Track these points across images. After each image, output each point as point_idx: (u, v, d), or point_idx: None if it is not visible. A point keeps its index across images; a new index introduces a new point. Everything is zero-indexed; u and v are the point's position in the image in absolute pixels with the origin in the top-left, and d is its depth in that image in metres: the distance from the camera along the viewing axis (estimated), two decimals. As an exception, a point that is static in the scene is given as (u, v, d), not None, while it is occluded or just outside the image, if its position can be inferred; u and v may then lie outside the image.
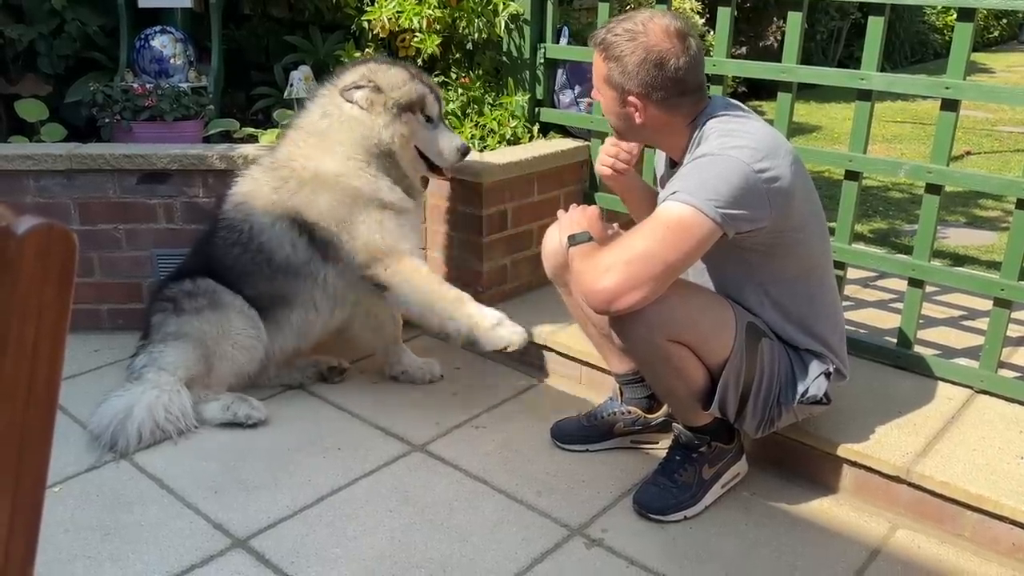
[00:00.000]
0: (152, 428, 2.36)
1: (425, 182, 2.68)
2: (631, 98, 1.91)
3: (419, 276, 2.48)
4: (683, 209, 1.79)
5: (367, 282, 2.50)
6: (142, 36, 3.52)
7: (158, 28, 3.55)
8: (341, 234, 2.46)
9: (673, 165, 2.06)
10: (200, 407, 2.48)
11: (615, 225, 2.16)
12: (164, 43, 3.52)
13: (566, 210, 2.10)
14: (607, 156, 2.18)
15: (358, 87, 2.45)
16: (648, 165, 2.82)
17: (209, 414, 2.48)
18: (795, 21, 2.52)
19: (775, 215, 1.84)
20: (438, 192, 2.95)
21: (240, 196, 2.56)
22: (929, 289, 2.86)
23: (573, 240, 1.95)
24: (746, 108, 2.01)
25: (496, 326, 2.40)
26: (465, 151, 2.58)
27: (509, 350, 2.43)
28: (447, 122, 2.67)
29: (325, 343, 2.76)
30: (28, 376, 0.63)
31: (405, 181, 2.57)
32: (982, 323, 2.67)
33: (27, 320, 0.62)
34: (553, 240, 2.21)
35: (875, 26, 2.37)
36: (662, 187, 2.13)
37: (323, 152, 2.47)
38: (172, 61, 3.52)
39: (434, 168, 2.59)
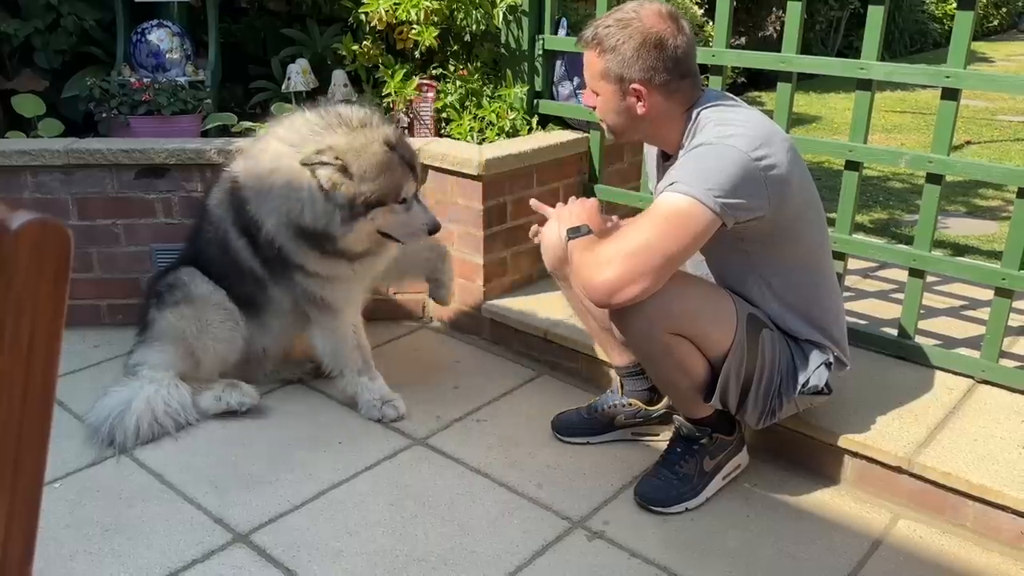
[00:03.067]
0: (150, 422, 2.37)
1: None
2: (634, 86, 1.89)
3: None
4: (681, 200, 1.78)
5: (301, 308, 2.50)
6: (139, 30, 3.51)
7: (155, 22, 3.53)
8: (282, 270, 2.40)
9: (666, 158, 2.04)
10: (196, 399, 2.49)
11: (614, 217, 2.15)
12: (161, 37, 3.51)
13: (565, 203, 2.09)
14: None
15: (324, 163, 2.13)
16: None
17: (204, 405, 2.49)
18: (795, 10, 2.50)
19: (773, 203, 1.83)
20: (437, 187, 2.94)
21: (216, 199, 2.51)
22: (930, 279, 2.85)
23: (572, 233, 1.94)
24: (738, 99, 2.00)
25: (376, 401, 2.52)
26: (434, 229, 2.31)
27: (383, 421, 2.50)
28: (421, 193, 2.37)
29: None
30: (24, 372, 0.63)
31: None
32: (983, 313, 2.67)
33: (22, 316, 0.62)
34: (552, 233, 2.21)
35: (875, 15, 2.36)
36: (657, 180, 2.13)
37: (264, 207, 2.30)
38: (169, 55, 3.51)
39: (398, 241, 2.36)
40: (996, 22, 14.56)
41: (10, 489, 0.63)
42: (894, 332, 2.56)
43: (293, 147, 2.21)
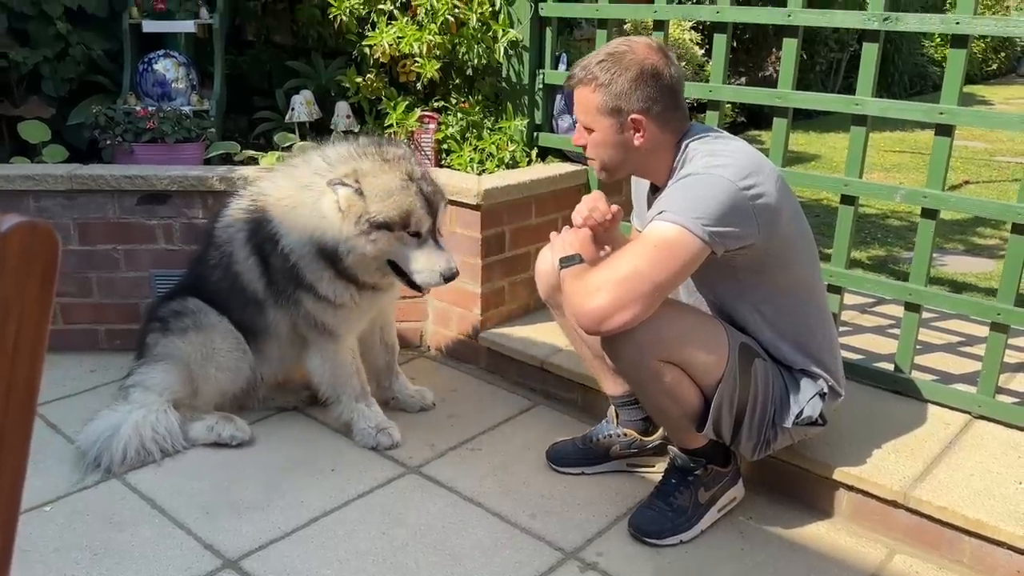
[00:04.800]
0: (138, 447, 2.36)
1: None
2: (633, 117, 1.91)
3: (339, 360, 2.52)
4: (670, 228, 1.79)
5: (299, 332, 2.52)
6: (145, 60, 3.56)
7: (161, 52, 3.59)
8: (290, 291, 2.43)
9: (656, 191, 2.06)
10: (187, 427, 2.48)
11: (607, 247, 2.16)
12: (167, 67, 3.56)
13: (559, 232, 2.11)
14: (583, 208, 2.13)
15: (344, 184, 2.23)
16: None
17: (195, 434, 2.48)
18: (790, 47, 2.54)
19: (763, 232, 1.85)
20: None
21: (228, 219, 2.54)
22: (927, 315, 2.85)
23: (565, 262, 1.95)
24: (725, 132, 2.02)
25: (371, 428, 2.51)
26: (450, 276, 2.30)
27: (378, 449, 2.50)
28: (441, 235, 2.36)
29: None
30: (8, 374, 0.63)
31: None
32: (980, 349, 2.66)
33: (8, 317, 0.62)
34: (546, 262, 2.22)
35: (869, 52, 2.40)
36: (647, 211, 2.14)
37: (289, 221, 2.36)
38: (174, 85, 3.56)
39: (411, 283, 2.35)
40: (995, 66, 14.72)
41: (-11, 490, 0.63)
42: (891, 367, 2.55)
43: (330, 167, 2.31)
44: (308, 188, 2.33)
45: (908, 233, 4.86)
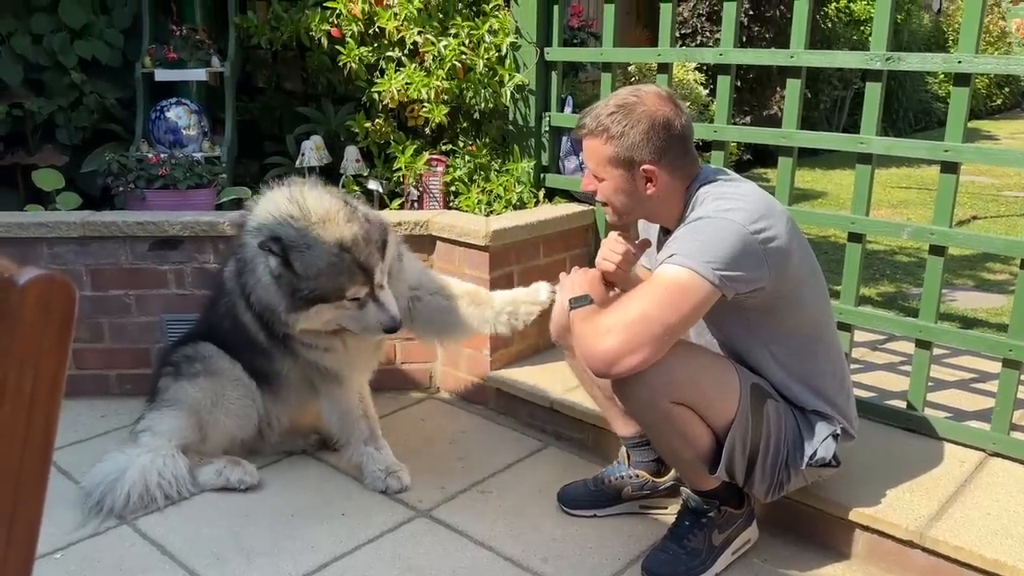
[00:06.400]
0: (141, 492, 2.35)
1: None
2: (644, 167, 1.92)
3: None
4: (680, 272, 1.80)
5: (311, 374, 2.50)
6: (158, 108, 3.63)
7: (173, 100, 3.66)
8: (286, 341, 2.41)
9: (667, 234, 2.07)
10: (195, 471, 2.47)
11: (617, 288, 2.16)
12: (179, 114, 3.62)
13: (569, 273, 2.12)
14: (614, 254, 2.10)
15: (272, 251, 2.15)
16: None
17: (203, 478, 2.47)
18: (794, 87, 2.57)
19: (773, 275, 1.85)
20: (445, 257, 2.98)
21: (230, 269, 2.50)
22: (939, 352, 2.83)
23: (575, 303, 1.96)
24: (735, 174, 2.04)
25: (380, 472, 2.50)
26: (390, 328, 2.24)
27: (387, 492, 2.49)
28: (381, 287, 2.25)
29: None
30: (25, 423, 0.64)
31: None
32: (993, 385, 2.64)
33: (25, 368, 0.63)
34: (557, 302, 2.22)
35: (872, 92, 2.42)
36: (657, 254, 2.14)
37: (252, 280, 2.29)
38: (186, 132, 3.62)
39: None
40: (1000, 101, 14.80)
41: (6, 539, 0.64)
42: (903, 405, 2.53)
43: (257, 228, 2.24)
44: (247, 246, 2.28)
45: (917, 269, 4.85)
